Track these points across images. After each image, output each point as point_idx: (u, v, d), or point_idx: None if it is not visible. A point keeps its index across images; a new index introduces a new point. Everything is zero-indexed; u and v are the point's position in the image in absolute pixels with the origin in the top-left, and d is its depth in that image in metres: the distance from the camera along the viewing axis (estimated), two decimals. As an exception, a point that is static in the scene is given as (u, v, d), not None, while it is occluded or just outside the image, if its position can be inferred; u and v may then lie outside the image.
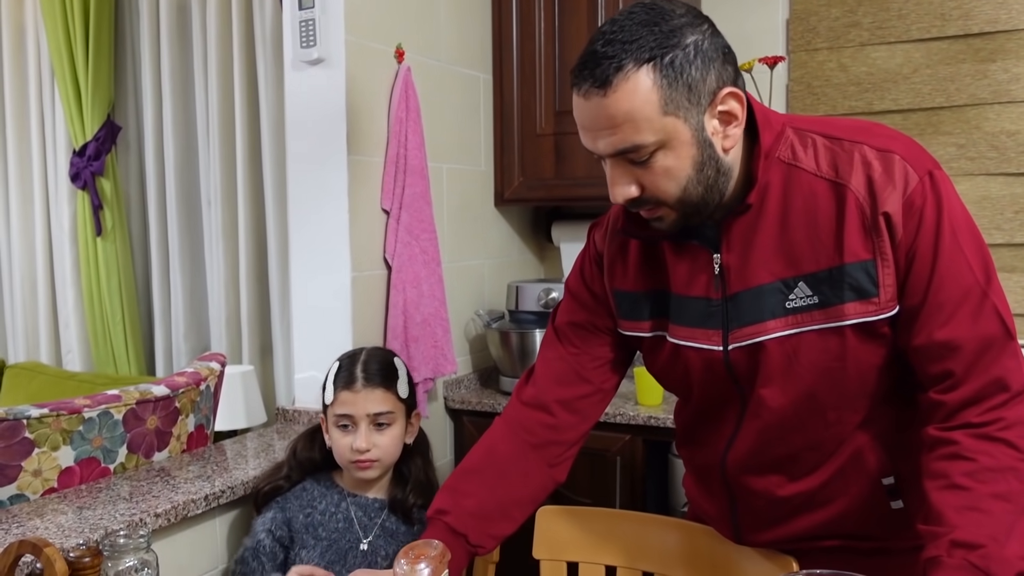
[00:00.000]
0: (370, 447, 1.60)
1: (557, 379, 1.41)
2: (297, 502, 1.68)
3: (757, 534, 1.39)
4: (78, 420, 1.76)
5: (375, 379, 1.62)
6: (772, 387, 1.21)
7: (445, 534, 1.32)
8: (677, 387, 1.38)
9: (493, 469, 1.38)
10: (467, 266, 2.76)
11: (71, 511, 1.61)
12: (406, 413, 1.67)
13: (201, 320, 3.43)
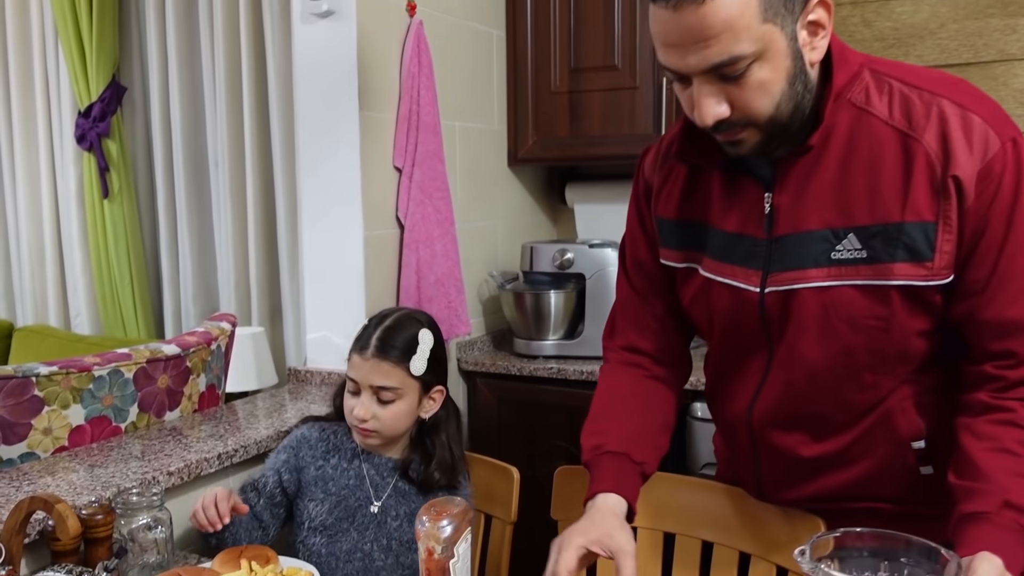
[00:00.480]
0: (368, 417, 1.55)
1: (637, 328, 1.38)
2: (311, 452, 1.64)
3: (780, 492, 1.35)
4: (88, 378, 1.73)
5: (386, 351, 1.55)
6: (807, 339, 1.17)
7: (609, 460, 1.26)
8: (702, 325, 1.33)
9: (621, 406, 1.35)
10: (480, 227, 2.71)
11: (82, 469, 1.59)
12: (422, 389, 1.59)
13: (210, 282, 3.39)
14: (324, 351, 2.26)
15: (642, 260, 1.37)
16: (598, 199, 2.88)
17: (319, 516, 1.58)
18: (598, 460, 1.28)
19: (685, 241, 1.28)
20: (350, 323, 2.19)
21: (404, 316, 1.63)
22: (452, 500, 1.13)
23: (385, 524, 1.57)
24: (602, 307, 2.50)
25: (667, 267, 1.33)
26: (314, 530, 1.58)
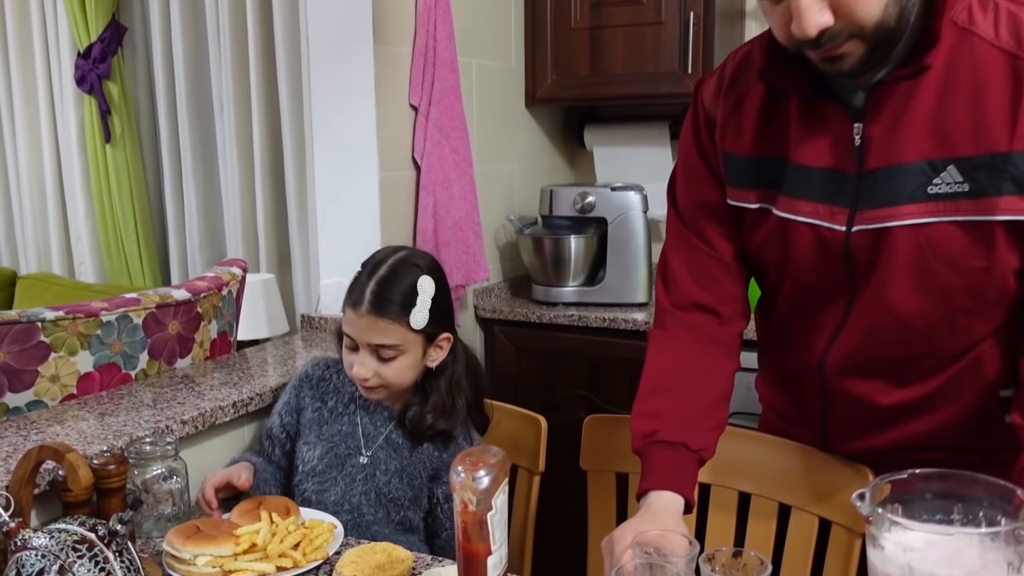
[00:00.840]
0: (370, 376, 1.44)
1: (694, 277, 1.27)
2: (311, 392, 1.56)
3: (848, 442, 1.28)
4: (96, 324, 1.65)
5: (382, 307, 1.41)
6: (898, 281, 1.09)
7: (663, 452, 1.18)
8: (770, 271, 1.24)
9: (675, 382, 1.25)
10: (497, 170, 2.62)
11: (92, 417, 1.52)
12: (425, 341, 1.46)
13: (216, 229, 3.31)
14: (338, 297, 2.17)
15: (703, 200, 1.26)
16: (618, 141, 2.78)
17: (310, 461, 1.50)
18: (651, 450, 1.19)
19: (759, 178, 1.18)
20: (365, 268, 2.12)
21: (400, 262, 1.47)
22: (488, 450, 1.05)
23: (374, 477, 1.48)
24: (624, 253, 2.42)
25: (734, 208, 1.23)
26: (306, 475, 1.51)
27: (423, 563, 1.27)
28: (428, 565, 1.26)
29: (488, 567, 1.02)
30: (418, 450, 1.49)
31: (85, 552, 1.13)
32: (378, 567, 1.20)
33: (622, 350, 2.33)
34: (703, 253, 1.27)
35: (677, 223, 1.30)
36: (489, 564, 1.02)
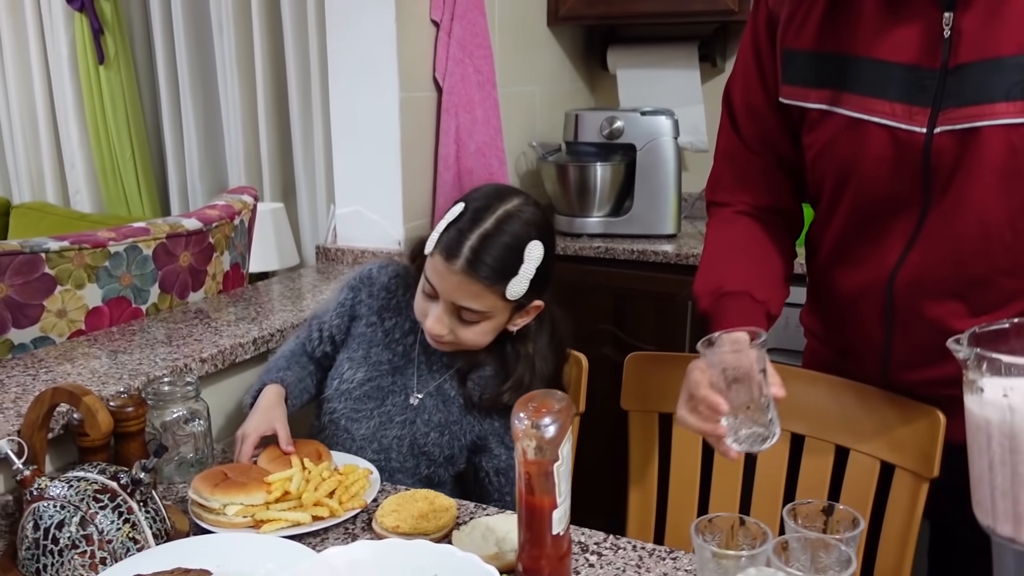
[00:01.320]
0: (444, 332, 1.26)
1: (745, 183, 1.25)
2: (369, 302, 1.38)
3: (910, 372, 1.19)
4: (103, 255, 1.54)
5: (480, 269, 1.19)
6: (984, 188, 0.99)
7: (730, 302, 1.15)
8: (827, 181, 1.15)
9: (736, 252, 1.23)
10: (517, 93, 2.47)
11: (104, 355, 1.42)
12: (515, 309, 1.27)
13: (217, 157, 3.17)
14: (356, 226, 2.07)
15: (756, 105, 1.20)
16: (643, 64, 2.63)
17: (348, 382, 1.35)
18: (718, 304, 1.17)
19: (822, 75, 1.09)
20: (384, 196, 2.01)
21: (508, 216, 1.22)
22: (552, 394, 0.96)
23: (413, 424, 1.34)
24: (653, 182, 2.30)
25: (791, 109, 1.15)
26: (340, 395, 1.36)
27: (466, 511, 1.18)
28: (472, 513, 1.18)
29: (553, 521, 0.93)
30: (470, 411, 1.34)
31: (107, 502, 1.04)
32: (421, 516, 1.12)
33: (650, 283, 2.23)
34: (752, 160, 1.23)
35: (728, 129, 1.26)
36: (554, 518, 0.94)
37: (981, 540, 1.24)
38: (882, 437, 1.27)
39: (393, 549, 0.96)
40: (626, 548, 1.08)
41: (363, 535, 1.12)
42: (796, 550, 0.89)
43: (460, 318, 1.24)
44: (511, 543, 1.07)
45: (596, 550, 1.08)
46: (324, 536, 1.12)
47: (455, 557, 0.94)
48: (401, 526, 1.10)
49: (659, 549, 1.08)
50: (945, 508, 1.21)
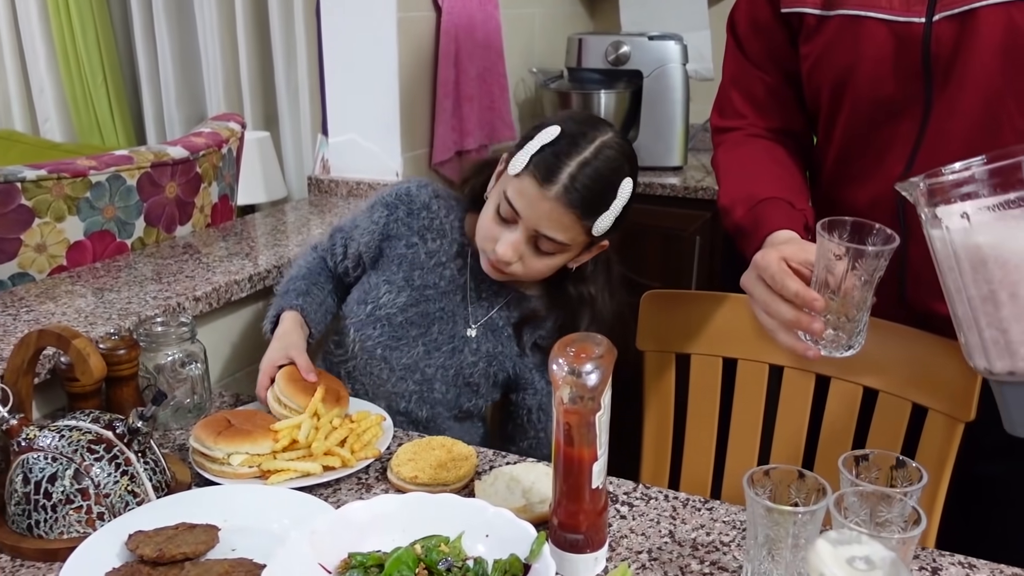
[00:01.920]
0: (514, 260, 1.19)
1: (754, 102, 1.19)
2: (407, 220, 1.29)
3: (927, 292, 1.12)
4: (84, 185, 1.43)
5: (577, 201, 1.13)
6: (987, 71, 0.96)
7: (768, 208, 1.06)
8: (828, 93, 1.10)
9: (759, 165, 1.16)
10: (516, 15, 2.34)
11: (90, 293, 1.33)
12: (587, 245, 1.23)
13: (195, 84, 3.03)
14: (351, 156, 1.96)
15: (762, 20, 1.16)
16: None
17: (387, 307, 1.27)
18: (756, 212, 1.07)
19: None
20: (381, 125, 1.90)
21: (608, 146, 1.17)
22: (592, 338, 0.88)
23: (461, 354, 1.29)
24: (660, 110, 2.20)
25: (792, 18, 1.11)
26: (376, 320, 1.28)
27: (485, 459, 1.12)
28: (491, 461, 1.11)
29: (593, 474, 0.87)
30: (518, 343, 1.29)
31: (103, 453, 0.96)
32: (439, 466, 1.05)
33: (656, 218, 2.15)
34: (759, 78, 1.19)
35: (734, 50, 1.21)
36: (594, 471, 0.87)
37: (1005, 480, 1.21)
38: (914, 378, 1.22)
39: (419, 503, 0.89)
40: (658, 498, 1.02)
41: (377, 486, 1.05)
42: (854, 504, 0.83)
43: (536, 247, 1.18)
44: (539, 494, 1.00)
45: (627, 500, 1.02)
46: (336, 487, 1.05)
47: (484, 511, 0.87)
48: (420, 476, 1.03)
49: (693, 499, 1.02)
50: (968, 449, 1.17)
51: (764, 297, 0.93)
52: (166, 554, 0.85)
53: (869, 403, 1.26)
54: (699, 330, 1.37)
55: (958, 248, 0.74)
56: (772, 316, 0.92)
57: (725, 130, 1.23)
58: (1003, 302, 0.71)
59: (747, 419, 1.34)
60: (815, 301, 0.87)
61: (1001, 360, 0.74)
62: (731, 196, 1.13)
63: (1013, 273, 0.71)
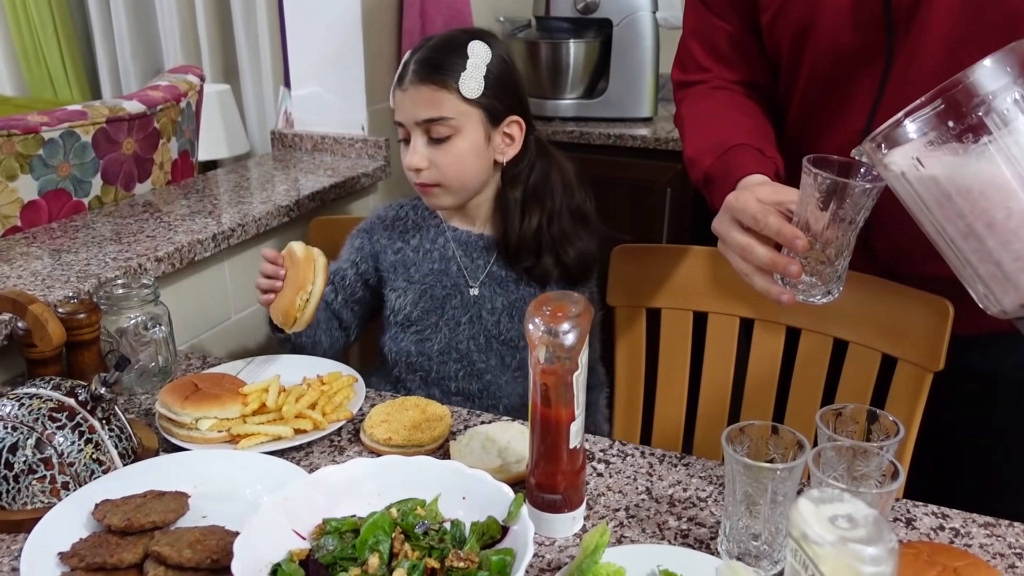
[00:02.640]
0: (424, 165, 1.23)
1: (717, 55, 1.14)
2: (387, 233, 1.35)
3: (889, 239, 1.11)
4: (36, 142, 1.37)
5: (427, 73, 1.20)
6: (950, 13, 0.92)
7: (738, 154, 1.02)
8: (788, 46, 1.07)
9: (725, 115, 1.12)
10: (482, -38, 2.28)
11: (46, 255, 1.28)
12: (487, 119, 1.24)
13: (150, 35, 2.93)
14: (315, 110, 1.90)
15: None
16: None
17: (403, 309, 1.31)
18: (725, 160, 1.03)
19: None
20: (345, 77, 1.84)
21: (451, 32, 1.28)
22: (568, 296, 0.86)
23: (480, 318, 1.30)
24: (630, 60, 2.17)
25: None
26: (401, 327, 1.32)
27: (459, 419, 1.10)
28: (465, 420, 1.10)
29: (571, 434, 0.86)
30: (524, 283, 1.31)
31: (65, 421, 0.93)
32: (413, 427, 1.04)
33: (628, 170, 2.13)
34: (724, 32, 1.15)
35: (696, 3, 1.18)
36: (572, 431, 0.86)
37: (968, 429, 1.23)
38: (883, 329, 1.22)
39: (394, 465, 0.88)
40: (634, 455, 1.02)
41: (351, 448, 1.04)
42: (832, 459, 0.83)
43: (432, 139, 1.23)
44: (514, 454, 0.99)
45: (603, 458, 1.01)
46: (308, 450, 1.03)
47: (460, 473, 0.86)
48: (393, 437, 1.02)
49: (669, 454, 1.02)
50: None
51: (739, 240, 0.89)
52: (134, 523, 0.83)
53: (839, 354, 1.27)
54: (669, 284, 1.36)
55: (919, 190, 0.72)
56: (747, 259, 0.89)
57: (688, 84, 1.20)
58: (983, 234, 0.69)
59: (718, 372, 1.34)
60: (797, 239, 0.84)
61: (1007, 295, 0.71)
62: (698, 146, 1.09)
63: (980, 201, 0.69)
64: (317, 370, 1.17)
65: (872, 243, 1.14)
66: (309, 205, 1.60)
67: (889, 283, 1.19)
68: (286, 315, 1.16)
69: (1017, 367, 1.16)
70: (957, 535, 0.87)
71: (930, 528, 0.88)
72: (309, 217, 1.59)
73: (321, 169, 1.76)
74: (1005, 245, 0.69)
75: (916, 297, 1.17)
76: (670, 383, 1.37)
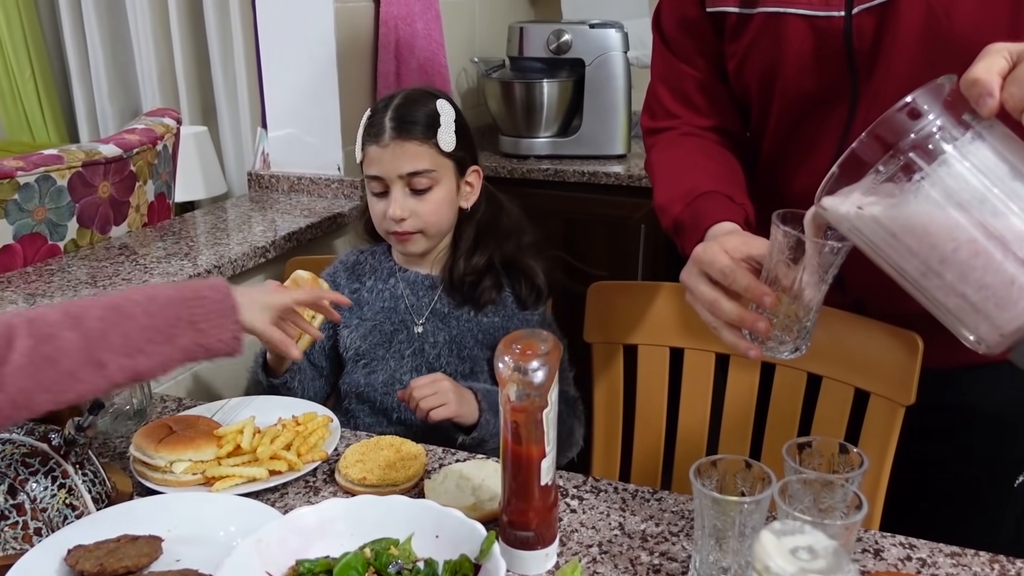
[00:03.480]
0: (406, 215, 1.31)
1: (685, 101, 1.16)
2: (347, 275, 1.43)
3: (860, 275, 1.14)
4: (12, 187, 1.38)
5: (407, 128, 1.29)
6: (911, 58, 0.95)
7: (707, 201, 1.02)
8: (757, 89, 1.10)
9: (694, 161, 1.13)
10: (456, 3, 2.32)
11: (20, 299, 1.28)
12: (456, 170, 1.34)
13: (127, 77, 2.94)
14: (291, 151, 1.92)
15: (690, 16, 1.14)
16: (588, -28, 2.50)
17: (354, 344, 1.38)
18: (695, 207, 1.03)
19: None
20: (321, 117, 1.87)
21: (413, 91, 1.37)
22: (537, 334, 0.88)
23: (423, 352, 1.36)
24: (603, 99, 2.20)
25: (717, 17, 1.10)
26: (353, 361, 1.39)
27: (434, 457, 1.11)
28: (441, 459, 1.11)
29: (541, 471, 0.87)
30: (465, 317, 1.37)
31: (38, 467, 0.93)
32: (388, 466, 1.04)
33: (602, 207, 2.16)
34: (688, 76, 1.16)
35: (661, 48, 1.20)
36: (543, 467, 0.87)
37: (942, 461, 1.24)
38: (855, 363, 1.24)
39: (367, 505, 0.89)
40: (607, 490, 1.03)
41: (326, 488, 1.04)
42: (798, 491, 0.84)
43: (413, 189, 1.30)
44: (488, 491, 1.00)
45: (576, 494, 1.02)
46: (284, 491, 1.03)
47: (433, 512, 0.87)
48: (368, 477, 1.02)
49: (642, 490, 1.03)
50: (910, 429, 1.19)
51: (707, 294, 0.88)
52: (107, 568, 0.83)
53: (815, 388, 1.29)
54: (645, 320, 1.38)
55: (868, 234, 0.73)
56: (715, 314, 0.88)
57: (657, 131, 1.21)
58: (939, 270, 0.69)
59: (695, 407, 1.36)
60: (765, 296, 0.83)
61: (982, 326, 0.70)
62: (668, 194, 1.10)
63: (926, 238, 0.69)
64: (292, 411, 1.17)
65: (843, 278, 1.16)
66: (285, 245, 1.61)
67: (859, 317, 1.21)
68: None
69: (991, 400, 1.18)
70: (924, 565, 0.88)
71: (897, 559, 0.89)
72: (286, 257, 1.61)
73: (298, 209, 1.78)
74: (964, 277, 0.69)
75: (886, 331, 1.19)
76: (648, 418, 1.38)
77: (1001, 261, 0.66)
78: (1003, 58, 0.66)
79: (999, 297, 0.67)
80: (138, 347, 0.84)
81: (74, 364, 0.80)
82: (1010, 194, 0.66)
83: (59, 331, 0.80)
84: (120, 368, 0.83)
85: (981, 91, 0.65)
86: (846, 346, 1.24)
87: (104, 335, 0.82)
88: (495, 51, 2.44)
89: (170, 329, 0.85)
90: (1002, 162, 0.66)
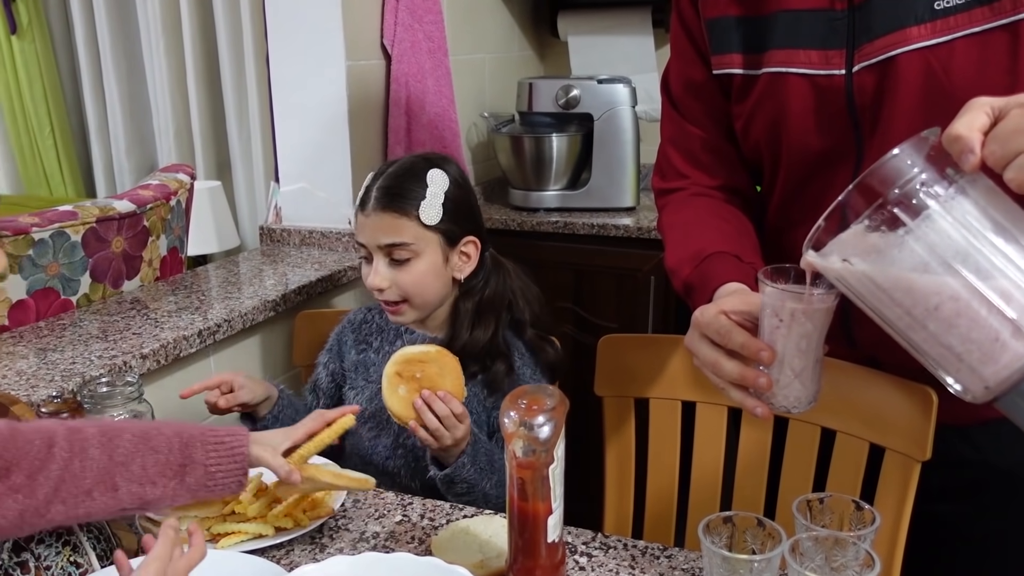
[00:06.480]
0: (386, 284, 1.30)
1: (695, 163, 1.17)
2: (353, 336, 1.43)
3: (868, 330, 1.13)
4: (27, 243, 1.40)
5: (390, 200, 1.28)
6: (912, 116, 0.96)
7: (716, 262, 1.03)
8: (762, 146, 1.11)
9: (705, 223, 1.13)
10: (467, 60, 2.36)
11: (32, 354, 1.29)
12: (444, 242, 1.32)
13: (144, 133, 3.00)
14: (303, 205, 1.95)
15: (697, 80, 1.15)
16: (595, 30, 2.54)
17: (360, 406, 1.33)
18: (703, 269, 1.05)
19: (744, 39, 1.06)
20: (332, 172, 1.89)
21: (411, 159, 1.36)
22: (543, 389, 0.88)
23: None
24: (611, 152, 2.23)
25: (723, 79, 1.11)
26: (358, 422, 1.33)
27: (441, 513, 1.10)
28: (448, 515, 1.10)
29: (548, 528, 0.86)
30: (470, 386, 1.32)
31: (43, 524, 0.93)
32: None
33: (610, 259, 2.16)
34: (700, 139, 1.18)
35: (669, 111, 1.21)
36: (549, 525, 0.86)
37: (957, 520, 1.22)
38: (869, 418, 1.22)
39: (372, 563, 0.87)
40: (617, 547, 1.01)
41: (332, 545, 1.03)
42: (809, 549, 0.83)
43: (393, 260, 1.30)
44: (494, 548, 0.99)
45: (585, 551, 1.01)
46: (289, 548, 1.02)
47: (439, 569, 0.86)
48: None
49: (652, 547, 1.01)
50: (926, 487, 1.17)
51: (708, 356, 0.89)
52: (109, 628, 0.82)
53: (829, 443, 1.27)
54: (657, 374, 1.37)
55: (856, 287, 0.73)
56: (718, 374, 0.88)
57: (668, 191, 1.22)
58: (924, 322, 0.70)
59: (708, 462, 1.34)
60: (762, 352, 0.83)
61: (967, 377, 0.70)
62: (677, 256, 1.11)
63: (911, 293, 0.69)
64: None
65: (852, 333, 1.15)
66: (296, 299, 1.62)
67: (873, 372, 1.20)
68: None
69: (1008, 457, 1.16)
70: (941, 626, 0.86)
71: (913, 619, 0.87)
72: (296, 311, 1.61)
73: (308, 263, 1.79)
74: (948, 330, 0.69)
75: (900, 386, 1.18)
76: (660, 473, 1.37)
77: (986, 317, 0.66)
78: (984, 114, 0.67)
79: (983, 351, 0.67)
80: (151, 478, 0.89)
81: (93, 483, 0.86)
82: (993, 250, 0.66)
83: (91, 448, 0.86)
84: (130, 494, 0.88)
85: (963, 148, 0.66)
86: (860, 401, 1.22)
87: (127, 462, 0.88)
88: (505, 106, 2.47)
89: (184, 467, 0.91)
90: (985, 217, 0.67)
